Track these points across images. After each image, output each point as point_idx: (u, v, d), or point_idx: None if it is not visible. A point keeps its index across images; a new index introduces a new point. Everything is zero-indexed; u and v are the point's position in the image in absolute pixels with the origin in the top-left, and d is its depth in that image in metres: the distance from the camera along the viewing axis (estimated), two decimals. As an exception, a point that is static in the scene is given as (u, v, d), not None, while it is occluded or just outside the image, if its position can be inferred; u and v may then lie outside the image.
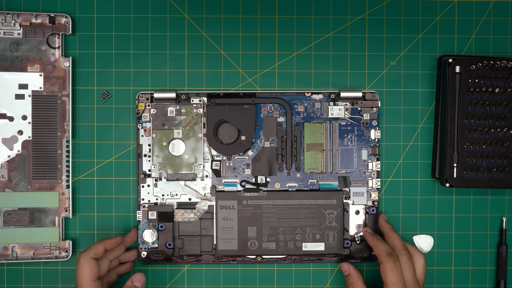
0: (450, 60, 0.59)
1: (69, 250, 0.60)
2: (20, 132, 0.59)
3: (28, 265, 0.61)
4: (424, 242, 0.61)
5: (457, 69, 0.59)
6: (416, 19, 0.62)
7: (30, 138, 0.59)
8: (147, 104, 0.60)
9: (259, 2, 0.61)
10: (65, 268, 0.61)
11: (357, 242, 0.60)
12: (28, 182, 0.59)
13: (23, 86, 0.59)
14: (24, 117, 0.59)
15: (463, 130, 0.59)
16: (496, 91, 0.58)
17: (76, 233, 0.61)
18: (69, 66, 0.60)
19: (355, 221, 0.60)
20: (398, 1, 0.62)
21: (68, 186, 0.60)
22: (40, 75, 0.59)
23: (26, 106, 0.59)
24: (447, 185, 0.59)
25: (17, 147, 0.59)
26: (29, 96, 0.59)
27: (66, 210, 0.60)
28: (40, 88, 0.59)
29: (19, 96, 0.59)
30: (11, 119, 0.59)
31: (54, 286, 0.61)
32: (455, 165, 0.59)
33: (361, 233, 0.60)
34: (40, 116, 0.59)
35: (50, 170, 0.59)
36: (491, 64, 0.58)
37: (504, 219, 0.62)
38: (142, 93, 0.60)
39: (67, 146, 0.60)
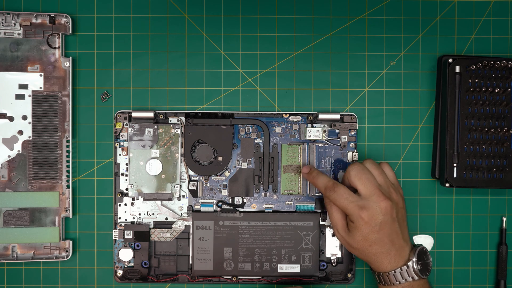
0: (450, 60, 0.59)
1: (69, 250, 0.60)
2: (20, 132, 0.59)
3: (28, 265, 0.61)
4: (424, 242, 0.61)
5: (457, 69, 0.59)
6: (416, 19, 0.62)
7: (30, 138, 0.59)
8: (125, 123, 0.60)
9: (259, 2, 0.62)
10: (65, 268, 0.61)
11: (333, 264, 0.60)
12: (28, 182, 0.59)
13: (23, 86, 0.59)
14: (24, 117, 0.59)
15: (463, 130, 0.59)
16: (496, 91, 0.58)
17: (76, 233, 0.61)
18: (69, 66, 0.60)
19: (332, 243, 0.60)
20: (398, 1, 0.62)
21: (68, 186, 0.60)
22: (40, 75, 0.59)
23: (26, 106, 0.59)
24: (447, 185, 0.59)
25: (17, 147, 0.59)
26: (29, 96, 0.59)
27: (66, 210, 0.60)
28: (40, 88, 0.59)
29: (19, 96, 0.59)
30: (11, 119, 0.59)
31: (54, 286, 0.61)
32: (455, 165, 0.59)
33: (338, 255, 0.60)
34: (40, 116, 0.59)
35: (50, 170, 0.59)
36: (491, 64, 0.58)
37: (504, 219, 0.62)
38: (120, 112, 0.60)
39: (67, 146, 0.60)
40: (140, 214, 0.60)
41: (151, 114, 0.59)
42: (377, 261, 0.54)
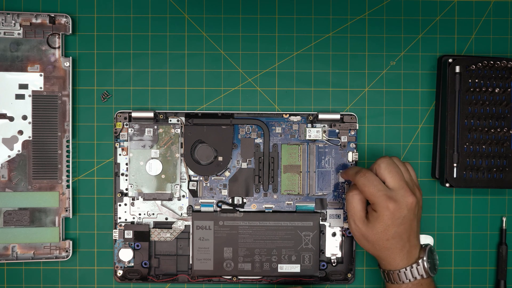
0: (450, 60, 0.59)
1: (69, 250, 0.60)
2: (20, 132, 0.59)
3: (28, 265, 0.61)
4: (424, 242, 0.61)
5: (457, 69, 0.59)
6: (416, 19, 0.62)
7: (30, 138, 0.59)
8: (125, 123, 0.60)
9: (259, 2, 0.62)
10: (65, 268, 0.61)
11: (333, 264, 0.60)
12: (28, 182, 0.59)
13: (23, 86, 0.59)
14: (24, 117, 0.59)
15: (463, 130, 0.59)
16: (496, 91, 0.58)
17: (76, 233, 0.61)
18: (69, 66, 0.60)
19: (332, 243, 0.60)
20: (398, 1, 0.62)
21: (68, 186, 0.60)
22: (40, 75, 0.59)
23: (26, 106, 0.59)
24: (447, 185, 0.59)
25: (17, 147, 0.59)
26: (29, 96, 0.59)
27: (66, 210, 0.60)
28: (40, 88, 0.59)
29: (19, 96, 0.59)
30: (11, 119, 0.59)
31: (54, 286, 0.61)
32: (455, 165, 0.59)
33: (338, 255, 0.60)
34: (40, 116, 0.59)
35: (50, 170, 0.59)
36: (491, 64, 0.58)
37: (504, 219, 0.62)
38: (120, 112, 0.60)
39: (67, 146, 0.60)
40: (140, 214, 0.60)
41: (151, 114, 0.59)
42: (390, 257, 0.54)
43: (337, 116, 0.60)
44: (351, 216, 0.55)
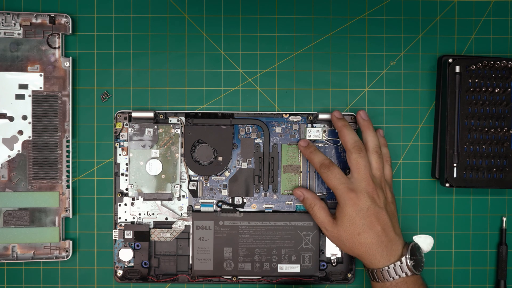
0: (450, 60, 0.59)
1: (69, 250, 0.60)
2: (20, 132, 0.59)
3: (28, 265, 0.61)
4: (424, 242, 0.61)
5: (457, 69, 0.59)
6: (416, 19, 0.62)
7: (30, 138, 0.59)
8: (125, 123, 0.60)
9: (259, 2, 0.62)
10: (65, 268, 0.61)
11: (333, 264, 0.60)
12: (28, 182, 0.59)
13: (23, 86, 0.59)
14: (24, 117, 0.59)
15: (463, 130, 0.59)
16: (496, 91, 0.58)
17: (76, 233, 0.61)
18: (69, 66, 0.60)
19: (331, 243, 0.60)
20: (398, 1, 0.62)
21: (68, 186, 0.60)
22: (40, 75, 0.59)
23: (26, 106, 0.59)
24: (447, 185, 0.59)
25: (17, 147, 0.59)
26: (29, 96, 0.59)
27: (66, 210, 0.60)
28: (40, 88, 0.59)
29: (19, 96, 0.59)
30: (11, 119, 0.59)
31: (54, 286, 0.61)
32: (455, 165, 0.59)
33: (338, 255, 0.60)
34: (40, 116, 0.59)
35: (50, 170, 0.59)
36: (491, 64, 0.58)
37: (504, 219, 0.62)
38: (120, 112, 0.60)
39: (67, 146, 0.60)
40: (140, 214, 0.60)
41: (151, 114, 0.59)
42: (369, 254, 0.54)
43: None
44: (321, 225, 0.57)
